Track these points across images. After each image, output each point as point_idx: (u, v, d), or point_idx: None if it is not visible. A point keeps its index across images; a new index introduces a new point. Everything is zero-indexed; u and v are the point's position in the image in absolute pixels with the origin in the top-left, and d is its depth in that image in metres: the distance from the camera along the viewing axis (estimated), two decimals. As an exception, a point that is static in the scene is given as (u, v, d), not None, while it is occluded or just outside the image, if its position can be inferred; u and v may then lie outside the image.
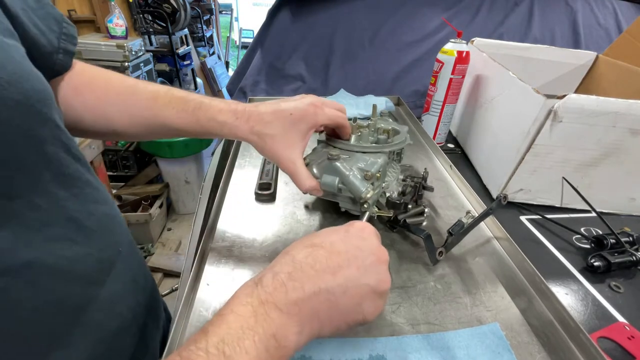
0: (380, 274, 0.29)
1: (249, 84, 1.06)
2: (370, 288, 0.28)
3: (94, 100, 0.39)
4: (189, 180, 2.01)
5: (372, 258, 0.29)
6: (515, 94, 0.61)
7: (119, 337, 0.34)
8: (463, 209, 0.57)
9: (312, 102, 0.41)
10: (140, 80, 0.42)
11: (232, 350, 0.22)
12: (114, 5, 1.97)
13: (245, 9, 5.47)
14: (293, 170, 0.40)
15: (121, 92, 0.40)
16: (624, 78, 0.76)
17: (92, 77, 0.40)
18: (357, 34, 1.11)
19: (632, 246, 0.51)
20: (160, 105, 0.39)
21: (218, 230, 0.50)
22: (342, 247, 0.29)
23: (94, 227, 0.31)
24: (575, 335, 0.37)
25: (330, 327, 0.27)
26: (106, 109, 0.40)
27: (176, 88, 0.42)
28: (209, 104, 0.39)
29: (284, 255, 0.29)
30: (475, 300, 0.42)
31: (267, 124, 0.39)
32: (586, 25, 1.15)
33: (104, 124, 0.40)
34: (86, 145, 1.21)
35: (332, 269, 0.27)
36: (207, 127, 0.39)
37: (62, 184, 0.28)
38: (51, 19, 0.34)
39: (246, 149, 0.72)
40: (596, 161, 0.57)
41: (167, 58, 2.53)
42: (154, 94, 0.40)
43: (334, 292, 0.26)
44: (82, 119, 0.39)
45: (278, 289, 0.25)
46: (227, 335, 0.22)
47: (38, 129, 0.26)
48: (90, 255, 0.30)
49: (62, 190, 0.28)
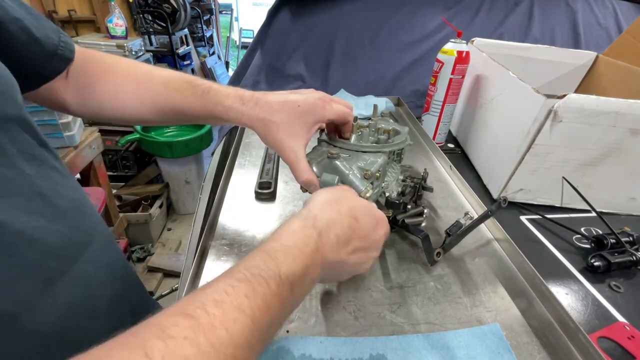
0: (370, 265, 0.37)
1: (249, 84, 1.06)
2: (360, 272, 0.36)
3: (112, 88, 0.42)
4: (189, 180, 2.01)
5: (376, 254, 0.36)
6: (515, 94, 0.61)
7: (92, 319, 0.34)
8: (463, 210, 0.57)
9: (321, 97, 0.41)
10: (155, 66, 0.44)
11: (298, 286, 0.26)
12: (114, 5, 1.97)
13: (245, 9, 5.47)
14: (293, 160, 0.41)
15: (138, 80, 0.42)
16: (624, 78, 0.76)
17: (112, 66, 0.43)
18: (357, 34, 1.10)
19: (632, 246, 0.51)
20: (170, 90, 0.41)
21: (218, 229, 0.50)
22: (371, 236, 0.34)
23: (63, 207, 0.31)
24: (574, 335, 0.37)
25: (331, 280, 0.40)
26: (124, 96, 0.42)
27: (187, 74, 0.43)
28: (217, 89, 0.40)
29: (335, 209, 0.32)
30: (475, 300, 0.42)
31: (274, 111, 0.39)
32: (586, 25, 1.15)
33: (122, 111, 0.43)
34: (86, 145, 1.21)
35: (361, 249, 0.33)
36: (214, 111, 0.40)
37: (29, 161, 0.29)
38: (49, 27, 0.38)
39: (246, 149, 0.72)
40: (596, 161, 0.57)
41: (167, 58, 2.53)
42: (166, 79, 0.42)
43: (351, 265, 0.33)
44: (103, 106, 0.42)
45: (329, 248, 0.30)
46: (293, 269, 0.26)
47: (6, 109, 0.28)
48: (60, 232, 0.30)
49: (29, 167, 0.29)
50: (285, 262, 0.26)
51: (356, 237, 0.32)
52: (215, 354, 0.18)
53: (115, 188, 1.90)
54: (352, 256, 0.33)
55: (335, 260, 0.31)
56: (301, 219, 0.31)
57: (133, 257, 1.73)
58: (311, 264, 0.28)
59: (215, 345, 0.18)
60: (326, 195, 0.34)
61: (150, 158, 2.11)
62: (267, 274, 0.24)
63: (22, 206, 0.27)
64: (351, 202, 0.34)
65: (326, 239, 0.30)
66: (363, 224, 0.33)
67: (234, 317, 0.20)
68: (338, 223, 0.31)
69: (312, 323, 0.38)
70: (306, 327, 0.38)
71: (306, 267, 0.27)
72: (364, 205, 0.35)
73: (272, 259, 0.25)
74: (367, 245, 0.34)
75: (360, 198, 0.36)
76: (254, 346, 0.21)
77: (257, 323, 0.21)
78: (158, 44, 2.60)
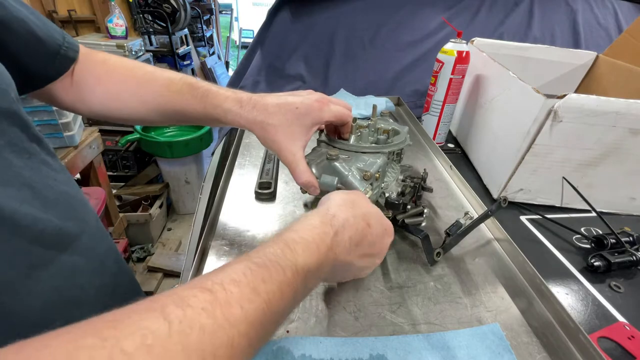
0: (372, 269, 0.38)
1: (249, 84, 1.06)
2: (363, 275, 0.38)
3: (115, 88, 0.43)
4: (189, 180, 2.01)
5: (380, 261, 0.38)
6: (515, 94, 0.61)
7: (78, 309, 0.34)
8: (463, 210, 0.57)
9: (319, 99, 0.41)
10: (159, 68, 0.44)
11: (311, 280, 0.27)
12: (114, 5, 1.97)
13: (245, 9, 5.47)
14: (292, 162, 0.41)
15: (140, 80, 0.43)
16: (624, 78, 0.76)
17: (114, 67, 0.43)
18: (357, 34, 1.10)
19: (632, 246, 0.51)
20: (172, 91, 0.42)
21: (218, 229, 0.50)
22: (378, 243, 0.36)
23: (53, 199, 0.32)
24: (574, 335, 0.37)
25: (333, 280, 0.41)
26: (126, 97, 0.43)
27: (189, 75, 0.43)
28: (216, 92, 0.41)
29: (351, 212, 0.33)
30: (475, 300, 0.42)
31: (271, 114, 0.39)
32: (586, 25, 1.15)
33: (125, 111, 0.44)
34: (86, 145, 1.21)
35: (368, 254, 0.35)
36: (213, 113, 0.40)
37: (17, 154, 0.30)
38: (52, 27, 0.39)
39: (246, 149, 0.72)
40: (596, 161, 0.57)
41: (167, 58, 2.53)
42: (168, 81, 0.42)
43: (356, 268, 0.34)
44: (106, 105, 0.43)
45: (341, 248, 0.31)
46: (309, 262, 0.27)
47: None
48: (50, 221, 0.31)
49: (17, 159, 0.30)
50: (303, 255, 0.26)
51: (366, 242, 0.33)
52: (229, 328, 0.19)
53: (115, 188, 1.90)
54: (360, 260, 0.34)
55: (345, 261, 0.32)
56: (320, 215, 0.31)
57: (133, 257, 1.73)
58: (324, 260, 0.28)
59: (230, 320, 0.19)
60: (343, 197, 0.35)
61: (150, 158, 2.11)
62: (285, 263, 0.25)
63: (11, 195, 0.28)
64: (366, 208, 0.35)
65: (341, 239, 0.30)
66: (374, 230, 0.34)
67: (249, 297, 0.21)
68: (353, 225, 0.32)
69: (312, 323, 0.38)
70: (306, 327, 0.38)
71: (320, 263, 0.28)
72: (376, 212, 0.36)
73: (290, 250, 0.26)
74: (374, 252, 0.35)
75: (373, 205, 0.37)
76: (266, 329, 0.22)
77: (270, 307, 0.22)
78: (158, 44, 2.60)
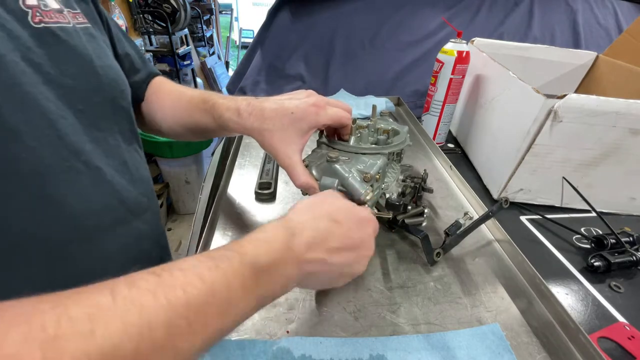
0: (365, 265, 0.36)
1: (249, 84, 1.06)
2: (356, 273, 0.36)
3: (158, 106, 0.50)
4: (189, 180, 2.01)
5: (368, 253, 0.36)
6: (515, 94, 0.61)
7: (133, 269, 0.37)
8: (463, 210, 0.57)
9: (315, 103, 0.41)
10: (189, 87, 0.51)
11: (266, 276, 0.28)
12: (114, 5, 1.97)
13: (245, 9, 5.46)
14: (289, 165, 0.41)
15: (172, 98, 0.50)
16: (624, 78, 0.76)
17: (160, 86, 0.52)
18: (357, 34, 1.10)
19: (632, 246, 0.51)
20: (192, 107, 0.46)
21: (218, 229, 0.50)
22: (354, 235, 0.34)
23: (138, 177, 0.41)
24: (574, 336, 0.37)
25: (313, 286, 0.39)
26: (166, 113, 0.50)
27: (206, 90, 0.48)
28: (220, 103, 0.43)
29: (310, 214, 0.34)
30: (475, 300, 0.42)
31: (266, 119, 0.40)
32: (586, 25, 1.15)
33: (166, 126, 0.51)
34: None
35: (343, 248, 0.33)
36: (220, 124, 0.44)
37: (123, 139, 0.40)
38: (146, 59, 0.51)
39: (246, 149, 0.72)
40: (596, 161, 0.57)
41: (167, 58, 2.53)
42: (190, 98, 0.47)
43: (337, 265, 0.33)
44: (155, 119, 0.51)
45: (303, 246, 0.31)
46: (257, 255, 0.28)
47: (116, 96, 0.38)
48: (133, 193, 0.39)
49: (123, 143, 0.40)
50: (250, 248, 0.28)
51: (335, 237, 0.33)
52: (168, 308, 0.21)
53: (115, 188, 1.90)
54: (335, 256, 0.33)
55: (314, 259, 0.31)
56: (275, 221, 0.33)
57: (133, 257, 1.73)
58: (280, 258, 0.29)
59: (170, 301, 0.21)
60: (305, 202, 0.36)
61: (150, 158, 2.11)
62: (231, 254, 0.26)
63: (115, 166, 0.37)
64: (329, 207, 0.35)
65: (299, 239, 0.31)
66: (344, 224, 0.34)
67: (193, 283, 0.23)
68: (311, 226, 0.33)
69: (312, 323, 0.38)
70: (306, 328, 0.38)
71: (274, 260, 0.28)
72: (345, 207, 0.36)
73: (239, 245, 0.28)
74: (353, 245, 0.34)
75: (342, 201, 0.37)
76: (210, 316, 0.23)
77: (215, 295, 0.23)
78: (158, 44, 2.59)
